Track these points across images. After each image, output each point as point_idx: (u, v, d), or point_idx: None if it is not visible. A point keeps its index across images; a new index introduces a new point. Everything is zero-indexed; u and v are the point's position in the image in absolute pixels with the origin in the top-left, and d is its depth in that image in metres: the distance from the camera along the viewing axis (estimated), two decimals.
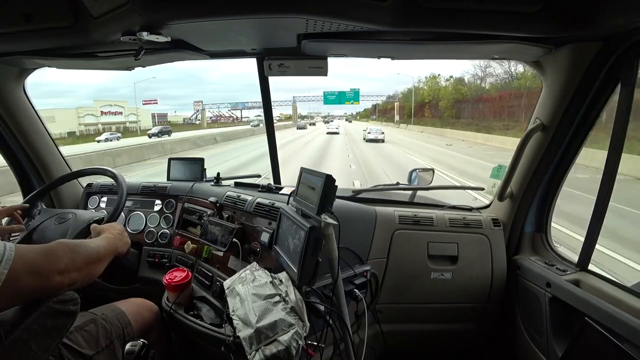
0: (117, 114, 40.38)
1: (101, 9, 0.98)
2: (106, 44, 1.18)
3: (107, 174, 1.38)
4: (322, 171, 0.93)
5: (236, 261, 1.27)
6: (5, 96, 1.49)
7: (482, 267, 1.51)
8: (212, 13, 0.92)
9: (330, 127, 35.06)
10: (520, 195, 1.44)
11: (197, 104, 52.49)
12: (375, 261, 1.45)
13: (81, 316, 0.96)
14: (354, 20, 0.95)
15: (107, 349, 0.95)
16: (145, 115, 44.36)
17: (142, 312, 1.15)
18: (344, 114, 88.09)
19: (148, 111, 45.14)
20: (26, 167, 1.67)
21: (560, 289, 1.20)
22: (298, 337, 0.92)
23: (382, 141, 22.22)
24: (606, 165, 1.10)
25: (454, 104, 35.64)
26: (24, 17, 1.05)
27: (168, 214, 1.65)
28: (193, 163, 1.85)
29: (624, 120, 1.04)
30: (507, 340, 1.53)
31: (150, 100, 46.38)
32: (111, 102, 41.06)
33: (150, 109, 46.06)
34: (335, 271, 1.00)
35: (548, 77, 1.23)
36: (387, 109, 60.44)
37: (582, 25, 0.93)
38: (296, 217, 1.01)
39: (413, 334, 1.60)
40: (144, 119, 43.06)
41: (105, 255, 0.86)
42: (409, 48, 1.18)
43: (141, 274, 1.57)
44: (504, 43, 1.05)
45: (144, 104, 43.79)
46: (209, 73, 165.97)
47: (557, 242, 1.46)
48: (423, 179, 1.91)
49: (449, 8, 0.92)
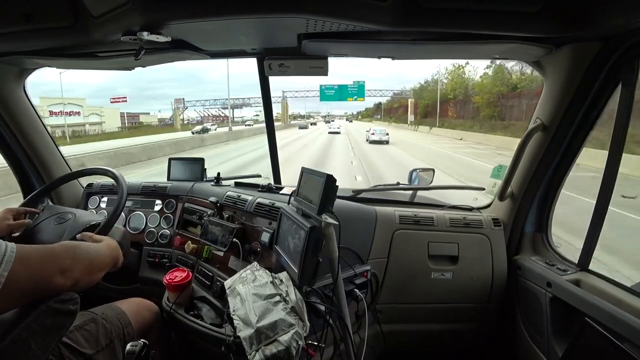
0: (74, 114, 33.61)
1: (101, 8, 0.98)
2: (106, 44, 1.18)
3: (108, 174, 1.38)
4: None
5: (236, 261, 1.27)
6: (6, 96, 1.49)
7: (482, 267, 1.51)
8: (212, 13, 0.92)
9: (332, 127, 35.75)
10: (521, 195, 1.44)
11: (178, 101, 45.16)
12: (376, 261, 1.45)
13: (81, 315, 0.96)
14: (355, 20, 0.95)
15: (107, 349, 0.94)
16: (113, 115, 38.41)
17: (142, 312, 1.15)
18: (345, 113, 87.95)
19: (117, 110, 39.69)
20: (26, 167, 1.67)
21: (560, 289, 1.20)
22: (298, 337, 0.92)
23: (386, 143, 20.92)
24: (607, 165, 1.10)
25: (497, 99, 25.57)
26: (24, 17, 1.05)
27: (168, 214, 1.65)
28: (193, 163, 1.85)
29: (625, 120, 1.04)
30: (507, 340, 1.52)
31: (119, 98, 40.25)
32: (65, 100, 32.36)
33: (121, 107, 40.01)
34: (336, 271, 1.00)
35: (548, 77, 1.23)
36: (394, 108, 53.62)
37: (582, 26, 0.93)
38: (297, 217, 1.01)
39: (413, 334, 1.60)
40: (111, 120, 37.21)
41: (106, 262, 0.85)
42: (410, 48, 1.18)
43: (141, 274, 1.57)
44: (504, 43, 1.05)
45: (111, 102, 38.20)
46: (209, 73, 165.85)
47: (558, 242, 1.46)
48: (423, 179, 1.91)
49: (449, 8, 0.92)
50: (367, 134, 23.03)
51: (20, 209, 1.18)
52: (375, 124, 48.16)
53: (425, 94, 38.74)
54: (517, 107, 23.76)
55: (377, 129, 23.35)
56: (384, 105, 61.45)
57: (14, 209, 1.16)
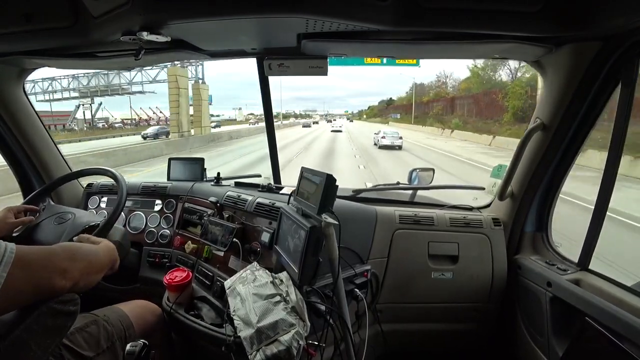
0: None
1: (101, 8, 0.98)
2: (106, 44, 1.18)
3: (108, 174, 1.38)
4: None
5: (237, 261, 1.27)
6: (5, 96, 1.49)
7: (482, 266, 1.51)
8: (212, 13, 0.92)
9: (334, 126, 38.64)
10: (521, 194, 1.44)
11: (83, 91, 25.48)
12: (376, 261, 1.45)
13: (83, 317, 0.95)
14: (354, 20, 0.95)
15: (108, 351, 0.94)
16: None
17: (144, 314, 1.15)
18: (345, 112, 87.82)
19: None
20: (26, 167, 1.67)
21: (561, 289, 1.20)
22: (299, 337, 0.92)
23: (398, 148, 17.47)
24: (606, 165, 1.10)
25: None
26: (24, 17, 1.05)
27: (168, 214, 1.65)
28: (193, 163, 1.85)
29: (624, 120, 1.04)
30: (507, 340, 1.53)
31: None
32: None
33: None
34: (336, 271, 1.00)
35: (548, 77, 1.23)
36: (408, 105, 40.19)
37: (582, 25, 0.93)
38: (297, 216, 1.01)
39: (414, 334, 1.60)
40: None
41: (104, 263, 0.85)
42: (409, 48, 1.18)
43: (142, 274, 1.57)
44: (504, 43, 1.05)
45: None
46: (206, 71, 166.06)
47: (558, 242, 1.46)
48: (423, 178, 1.91)
49: (449, 8, 0.92)
50: (375, 137, 19.90)
51: (21, 207, 1.19)
52: (391, 125, 38.27)
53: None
54: None
55: (388, 131, 20.49)
56: (394, 103, 48.22)
57: (14, 208, 1.16)
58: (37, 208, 1.25)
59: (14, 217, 1.14)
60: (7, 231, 1.10)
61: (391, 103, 51.93)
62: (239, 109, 69.50)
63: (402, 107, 45.71)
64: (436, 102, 34.74)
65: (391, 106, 53.20)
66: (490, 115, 24.33)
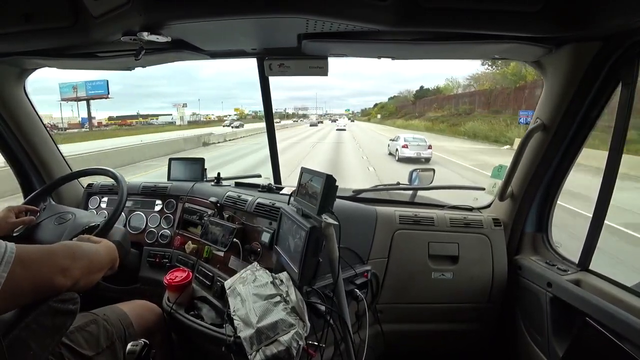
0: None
1: (101, 8, 0.98)
2: (106, 44, 1.18)
3: (108, 174, 1.38)
4: None
5: (237, 261, 1.27)
6: (6, 96, 1.49)
7: (482, 267, 1.51)
8: (212, 13, 0.92)
9: (339, 125, 45.26)
10: (521, 195, 1.44)
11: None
12: (376, 261, 1.45)
13: (82, 316, 0.95)
14: (354, 20, 0.95)
15: (107, 350, 0.94)
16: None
17: (145, 314, 1.15)
18: (345, 111, 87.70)
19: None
20: (27, 167, 1.67)
21: (561, 289, 1.20)
22: (299, 338, 0.92)
23: (426, 161, 12.71)
24: (607, 165, 1.10)
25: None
26: (24, 17, 1.05)
27: (169, 214, 1.65)
28: (193, 163, 1.85)
29: (625, 120, 1.03)
30: (507, 340, 1.52)
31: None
32: None
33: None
34: (336, 271, 1.00)
35: (548, 77, 1.23)
36: (431, 100, 27.64)
37: (582, 25, 0.93)
38: (297, 217, 1.01)
39: (414, 334, 1.60)
40: None
41: (104, 262, 0.85)
42: (409, 48, 1.18)
43: (142, 274, 1.57)
44: (504, 43, 1.05)
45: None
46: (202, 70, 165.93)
47: (558, 242, 1.45)
48: (423, 178, 1.91)
49: (449, 8, 0.92)
50: (391, 146, 14.63)
51: (21, 207, 1.19)
52: (410, 131, 26.68)
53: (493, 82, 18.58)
54: None
55: (410, 137, 14.38)
56: (398, 101, 36.51)
57: (15, 207, 1.17)
58: (38, 208, 1.25)
59: (15, 216, 1.14)
60: (7, 231, 1.11)
61: (423, 95, 32.35)
62: (183, 106, 55.33)
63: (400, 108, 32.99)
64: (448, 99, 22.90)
65: (425, 99, 35.01)
66: None
